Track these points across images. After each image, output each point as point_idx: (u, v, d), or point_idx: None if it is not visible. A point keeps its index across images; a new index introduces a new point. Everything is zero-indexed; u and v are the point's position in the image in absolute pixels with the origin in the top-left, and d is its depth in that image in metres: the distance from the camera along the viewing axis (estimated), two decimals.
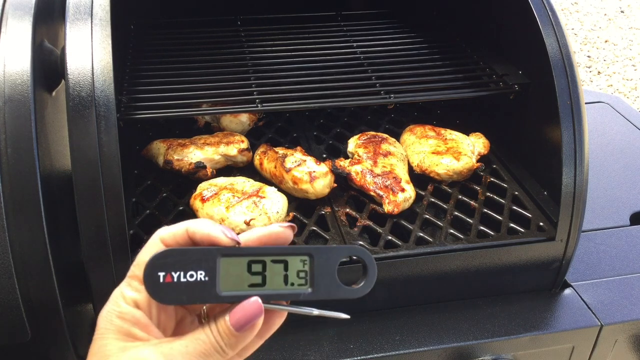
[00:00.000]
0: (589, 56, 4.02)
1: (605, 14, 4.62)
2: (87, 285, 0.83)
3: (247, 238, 0.53)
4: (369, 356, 0.91)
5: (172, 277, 0.49)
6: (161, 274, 0.49)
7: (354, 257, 0.55)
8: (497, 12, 1.20)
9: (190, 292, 0.50)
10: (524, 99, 1.09)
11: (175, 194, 1.07)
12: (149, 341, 0.50)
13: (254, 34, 1.30)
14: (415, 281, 0.97)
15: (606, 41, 4.21)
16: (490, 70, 1.15)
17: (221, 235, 0.51)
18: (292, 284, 0.52)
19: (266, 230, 0.53)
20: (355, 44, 1.26)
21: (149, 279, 0.49)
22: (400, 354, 0.92)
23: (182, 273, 0.50)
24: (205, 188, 1.02)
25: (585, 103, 0.98)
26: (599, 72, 3.84)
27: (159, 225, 0.95)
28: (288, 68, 1.14)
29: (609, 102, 1.67)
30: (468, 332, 0.95)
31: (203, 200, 0.99)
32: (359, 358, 0.90)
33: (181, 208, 1.02)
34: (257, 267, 0.52)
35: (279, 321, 0.54)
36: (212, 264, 0.50)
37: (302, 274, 0.53)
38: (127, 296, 0.51)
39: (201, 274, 0.50)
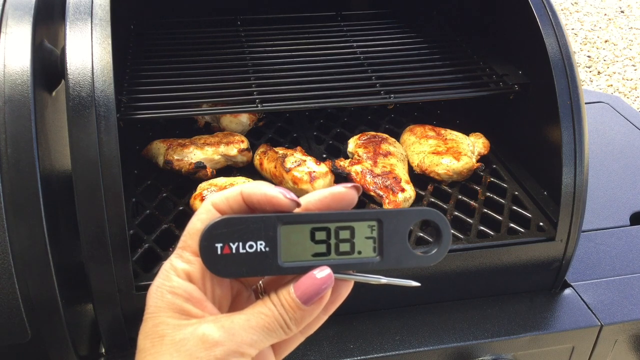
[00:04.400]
0: (589, 56, 4.02)
1: (605, 14, 4.62)
2: (87, 285, 0.83)
3: (308, 201, 0.48)
4: (369, 356, 0.91)
5: (231, 249, 0.46)
6: (218, 245, 0.46)
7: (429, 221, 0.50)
8: (497, 12, 1.20)
9: (249, 263, 0.46)
10: (524, 99, 1.09)
11: (175, 194, 1.07)
12: (205, 318, 0.46)
13: (254, 34, 1.30)
14: (415, 281, 0.96)
15: (606, 41, 4.22)
16: (490, 70, 1.15)
17: (279, 196, 0.46)
18: (360, 252, 0.48)
19: (328, 192, 0.48)
20: (355, 44, 1.26)
21: (206, 251, 0.45)
22: (400, 354, 0.92)
23: (240, 244, 0.46)
24: (205, 188, 1.02)
25: (585, 103, 0.98)
26: (599, 72, 3.84)
27: (159, 225, 0.97)
28: (288, 68, 1.14)
29: (609, 102, 1.67)
30: (468, 332, 0.95)
31: (203, 200, 0.99)
32: (359, 358, 0.90)
33: (181, 208, 1.02)
34: (320, 235, 0.47)
35: (344, 292, 0.49)
36: (272, 233, 0.46)
37: (370, 241, 0.48)
38: (179, 268, 0.47)
39: (261, 244, 0.46)
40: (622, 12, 4.67)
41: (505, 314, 0.99)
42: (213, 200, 0.47)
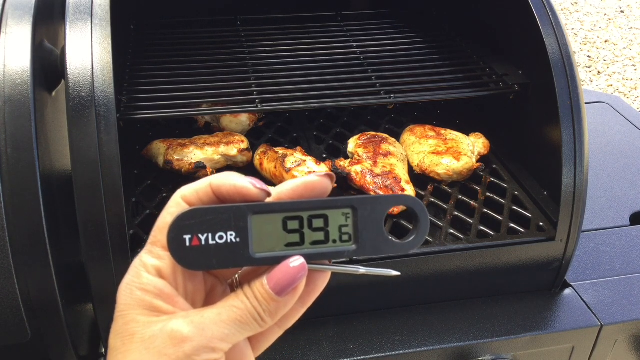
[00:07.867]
0: (589, 56, 4.02)
1: (605, 14, 4.62)
2: (87, 285, 0.83)
3: (280, 191, 0.47)
4: (369, 356, 0.91)
5: (200, 240, 0.44)
6: (187, 237, 0.44)
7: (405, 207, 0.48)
8: (497, 12, 1.20)
9: (220, 255, 0.45)
10: (524, 99, 1.09)
11: None
12: (176, 314, 0.45)
13: (254, 34, 1.30)
14: (415, 281, 0.97)
15: (606, 41, 4.22)
16: (490, 70, 1.15)
17: (249, 186, 0.45)
18: (334, 241, 0.47)
19: (301, 181, 0.47)
20: (355, 44, 1.26)
21: (174, 243, 0.44)
22: (400, 354, 0.92)
23: (210, 235, 0.45)
24: None
25: (585, 103, 0.98)
26: (599, 72, 3.84)
27: None
28: (288, 68, 1.14)
29: (609, 102, 1.67)
30: (468, 332, 0.95)
31: None
32: (359, 358, 0.90)
33: None
34: (293, 224, 0.46)
35: (321, 283, 0.48)
36: (242, 223, 0.45)
37: (344, 229, 0.47)
38: (149, 264, 0.45)
39: (231, 234, 0.45)
40: (622, 12, 4.67)
41: (505, 314, 0.99)
42: (182, 193, 0.46)
